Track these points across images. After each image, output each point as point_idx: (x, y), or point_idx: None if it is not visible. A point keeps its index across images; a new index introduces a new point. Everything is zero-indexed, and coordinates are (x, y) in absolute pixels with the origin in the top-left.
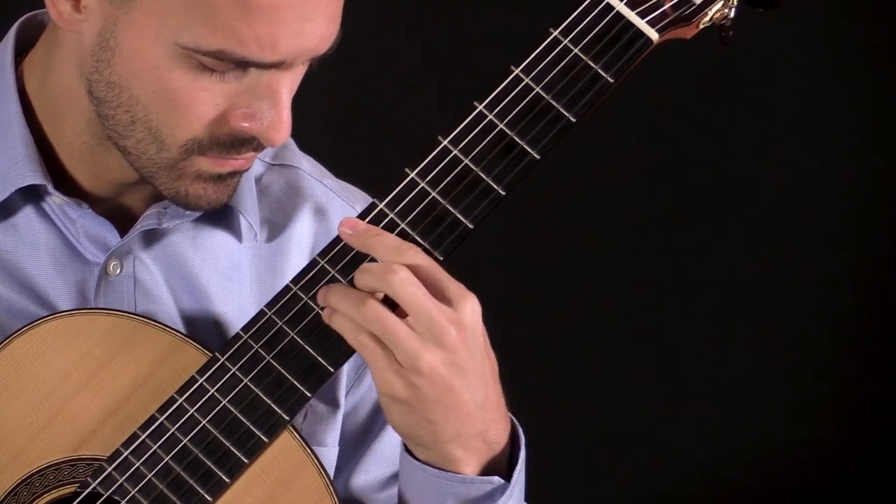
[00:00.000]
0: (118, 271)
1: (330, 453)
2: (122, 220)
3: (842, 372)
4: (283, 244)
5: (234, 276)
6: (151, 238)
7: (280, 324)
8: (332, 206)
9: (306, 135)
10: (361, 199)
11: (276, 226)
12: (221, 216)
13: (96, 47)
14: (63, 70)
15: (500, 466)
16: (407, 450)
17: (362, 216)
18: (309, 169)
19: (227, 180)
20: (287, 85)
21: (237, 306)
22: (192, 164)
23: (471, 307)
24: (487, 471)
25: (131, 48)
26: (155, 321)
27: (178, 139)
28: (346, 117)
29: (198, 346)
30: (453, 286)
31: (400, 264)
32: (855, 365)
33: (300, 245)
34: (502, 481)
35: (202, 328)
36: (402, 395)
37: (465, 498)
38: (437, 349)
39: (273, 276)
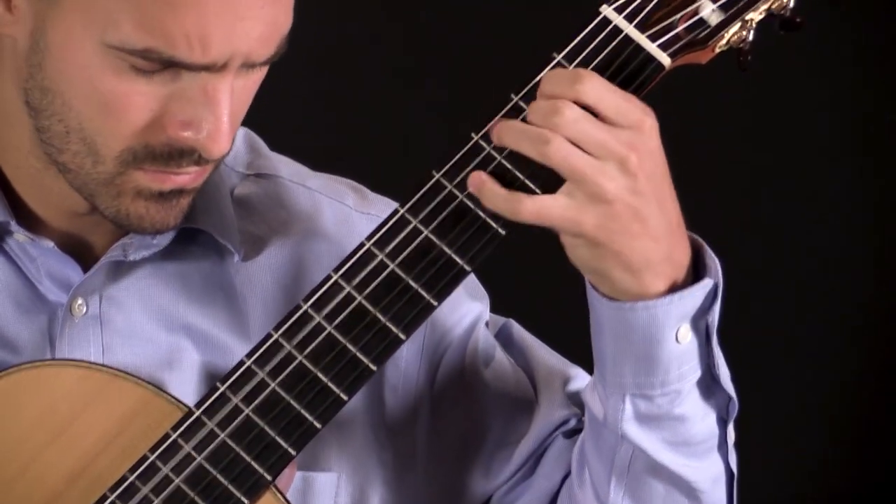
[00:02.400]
0: (84, 311)
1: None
2: (87, 257)
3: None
4: (269, 260)
5: (215, 300)
6: (118, 273)
7: (261, 374)
8: (320, 209)
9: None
10: (350, 193)
11: (258, 239)
12: (194, 240)
13: (29, 50)
14: (3, 84)
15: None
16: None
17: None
18: (288, 174)
19: (171, 200)
20: (225, 90)
21: (220, 333)
22: (129, 180)
23: (649, 126)
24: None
25: (60, 48)
26: (125, 373)
27: (113, 149)
28: (330, 113)
29: (172, 399)
30: (626, 106)
31: (564, 101)
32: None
33: (287, 261)
34: (712, 281)
35: (183, 367)
36: (590, 229)
37: (687, 316)
38: (621, 177)
39: (258, 297)
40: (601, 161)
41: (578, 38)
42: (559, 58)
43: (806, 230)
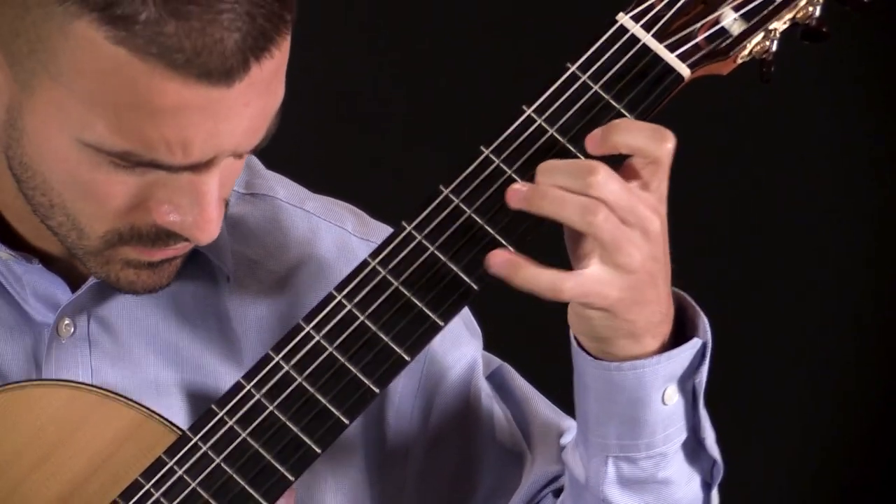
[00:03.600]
0: (71, 332)
1: None
2: (75, 276)
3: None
4: (265, 284)
5: (207, 323)
6: (107, 293)
7: (258, 396)
8: (318, 233)
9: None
10: (349, 217)
11: (253, 263)
12: (187, 259)
13: (6, 123)
14: None
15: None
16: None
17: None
18: (286, 196)
19: (162, 266)
20: (212, 184)
21: (212, 356)
22: (117, 253)
23: (665, 184)
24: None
25: (37, 135)
26: (116, 394)
27: (97, 230)
28: (327, 131)
29: (165, 421)
30: (660, 169)
31: (594, 161)
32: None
33: (289, 286)
34: (700, 341)
35: (172, 392)
36: (612, 302)
37: (674, 377)
38: (645, 245)
39: (258, 322)
40: (630, 228)
41: (594, 48)
42: (573, 68)
43: (806, 230)
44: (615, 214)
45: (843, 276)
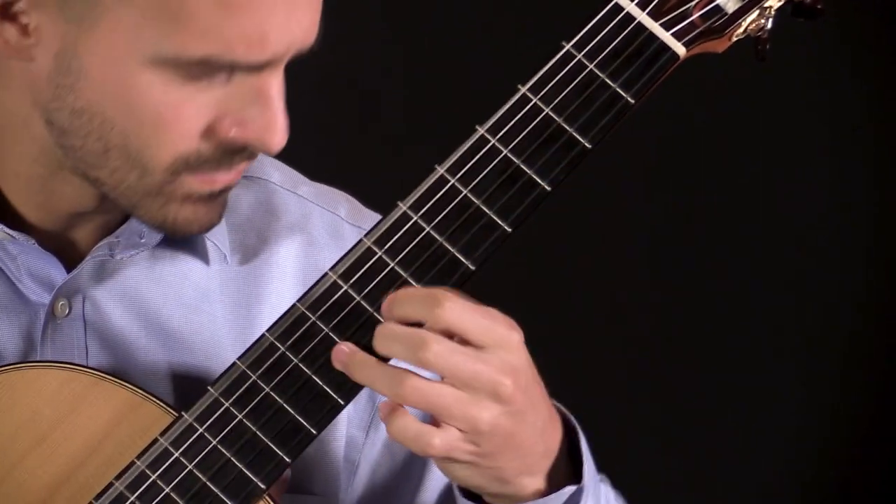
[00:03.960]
0: (66, 312)
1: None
2: (71, 255)
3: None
4: (260, 269)
5: (203, 306)
6: (103, 273)
7: (253, 377)
8: (311, 218)
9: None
10: (343, 204)
11: (248, 248)
12: (182, 241)
13: (54, 72)
14: (7, 100)
15: (561, 464)
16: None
17: (348, 255)
18: (280, 179)
19: (217, 198)
20: (277, 85)
21: (208, 340)
22: (180, 186)
23: (517, 342)
24: (552, 477)
25: (99, 69)
26: (112, 375)
27: (163, 160)
28: (328, 119)
29: (161, 403)
30: (490, 325)
31: (432, 334)
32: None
33: (279, 270)
34: (573, 487)
35: (165, 373)
36: (465, 458)
37: None
38: (494, 405)
39: (249, 305)
40: (474, 393)
41: (589, 26)
42: (568, 46)
43: (806, 230)
44: (457, 381)
45: (843, 277)
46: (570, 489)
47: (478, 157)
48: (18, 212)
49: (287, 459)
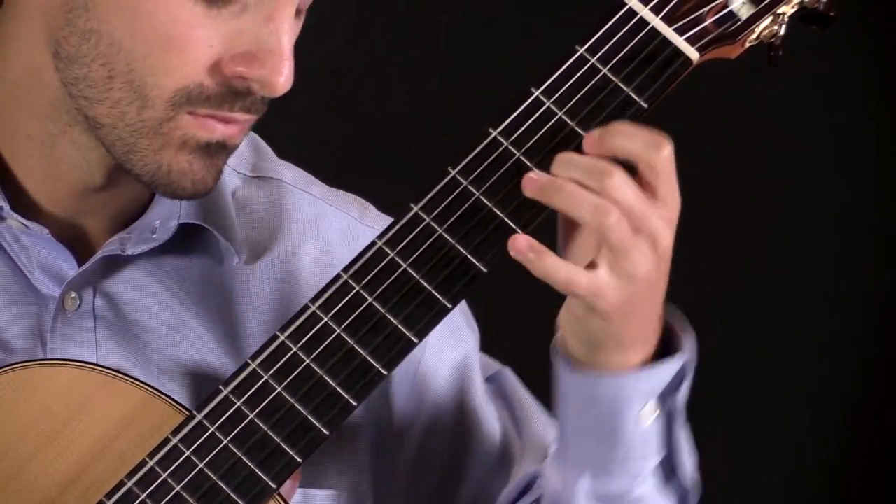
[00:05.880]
0: (77, 306)
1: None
2: (83, 249)
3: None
4: (272, 267)
5: (214, 303)
6: (114, 267)
7: (265, 377)
8: (324, 218)
9: (290, 141)
10: (355, 205)
11: (260, 246)
12: (194, 238)
13: None
14: (24, 45)
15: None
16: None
17: (361, 256)
18: (292, 179)
19: (214, 155)
20: (288, 28)
21: (219, 337)
22: (177, 126)
23: (675, 198)
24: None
25: None
26: (123, 374)
27: (166, 89)
28: (336, 122)
29: (171, 401)
30: (661, 176)
31: (611, 163)
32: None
33: (292, 269)
34: (682, 360)
35: (174, 370)
36: (609, 305)
37: (653, 394)
38: (651, 255)
39: (260, 303)
40: (640, 237)
41: (602, 31)
42: (582, 50)
43: (806, 230)
44: (627, 220)
45: (844, 276)
46: (678, 359)
47: (491, 158)
48: (30, 195)
49: (298, 459)
